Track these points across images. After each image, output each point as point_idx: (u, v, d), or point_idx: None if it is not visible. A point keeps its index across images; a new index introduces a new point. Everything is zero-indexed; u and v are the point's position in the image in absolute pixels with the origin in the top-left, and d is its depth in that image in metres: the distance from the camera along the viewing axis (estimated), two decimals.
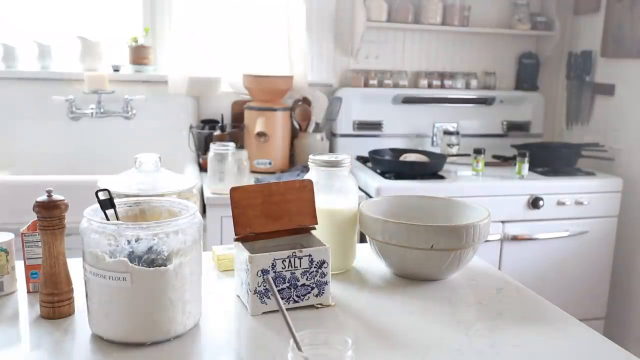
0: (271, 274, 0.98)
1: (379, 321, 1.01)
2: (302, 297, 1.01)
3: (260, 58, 2.79)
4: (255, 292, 0.97)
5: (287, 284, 1.00)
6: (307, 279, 1.01)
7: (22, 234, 1.05)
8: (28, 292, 1.07)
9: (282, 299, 0.99)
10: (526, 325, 1.01)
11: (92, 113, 2.55)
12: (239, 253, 1.03)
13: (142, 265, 0.87)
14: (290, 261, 0.99)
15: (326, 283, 1.03)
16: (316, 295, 1.02)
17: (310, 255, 1.00)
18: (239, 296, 1.06)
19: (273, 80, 2.60)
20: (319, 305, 1.03)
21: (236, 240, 1.04)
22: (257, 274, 0.98)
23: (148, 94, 2.61)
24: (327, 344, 0.73)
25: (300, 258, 1.00)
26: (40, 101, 2.55)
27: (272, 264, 0.98)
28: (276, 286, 0.98)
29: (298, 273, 1.00)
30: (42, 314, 0.98)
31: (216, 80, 2.73)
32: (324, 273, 1.02)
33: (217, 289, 1.13)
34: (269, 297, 0.99)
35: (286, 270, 0.99)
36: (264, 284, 0.98)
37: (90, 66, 2.60)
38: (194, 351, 0.90)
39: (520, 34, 3.06)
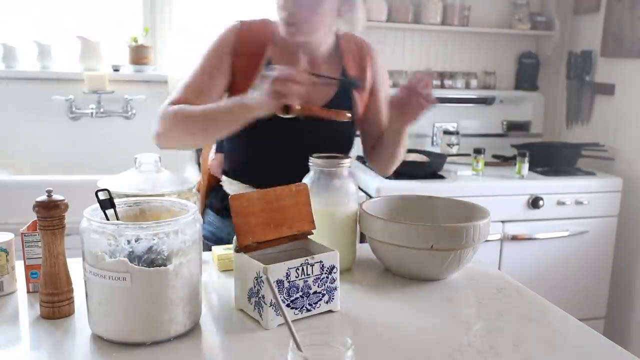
0: (286, 284, 0.96)
1: (378, 321, 1.01)
2: (314, 306, 1.00)
3: None
4: (270, 305, 0.95)
5: (300, 293, 0.98)
6: (318, 286, 1.00)
7: (22, 234, 1.05)
8: (28, 292, 1.07)
9: (295, 309, 0.98)
10: (526, 325, 1.01)
11: (92, 113, 2.56)
12: (245, 264, 0.99)
13: (142, 265, 0.87)
14: (302, 269, 0.98)
15: (335, 288, 1.02)
16: (327, 302, 1.02)
17: (321, 262, 1.00)
18: (242, 310, 1.02)
19: None
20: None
21: (238, 251, 1.00)
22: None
23: (148, 94, 2.61)
24: (327, 344, 0.72)
25: (312, 265, 0.99)
26: (40, 101, 2.55)
27: (287, 273, 0.96)
28: (290, 296, 0.97)
29: (310, 280, 0.99)
30: (42, 314, 0.98)
31: None
32: (333, 278, 1.02)
33: (217, 289, 1.13)
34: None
35: (299, 279, 0.98)
36: (279, 295, 0.95)
37: (90, 66, 2.60)
38: (194, 351, 0.90)
39: (520, 33, 3.06)
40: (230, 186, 1.47)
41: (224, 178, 1.48)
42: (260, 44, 1.41)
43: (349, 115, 1.35)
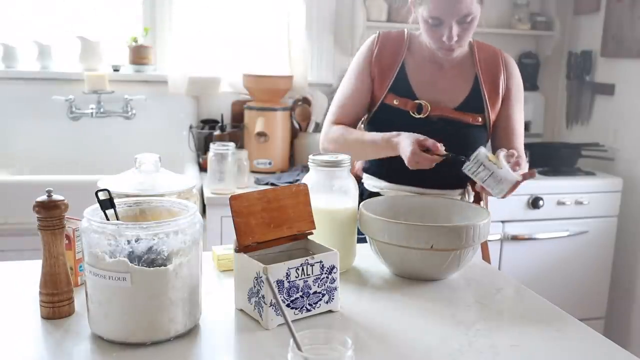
0: (286, 284, 0.96)
1: (379, 321, 1.01)
2: (314, 306, 1.00)
3: (260, 58, 2.78)
4: (270, 305, 0.95)
5: (300, 293, 0.98)
6: (318, 286, 1.00)
7: None
8: None
9: (295, 309, 0.98)
10: (526, 325, 1.01)
11: (92, 113, 2.55)
12: (246, 264, 0.99)
13: (142, 265, 0.87)
14: (303, 269, 0.98)
15: (335, 288, 1.02)
16: (327, 302, 1.02)
17: (321, 262, 1.00)
18: (242, 310, 1.02)
19: (273, 80, 2.60)
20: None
21: (238, 251, 1.01)
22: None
23: (148, 94, 2.61)
24: (327, 343, 0.73)
25: (312, 265, 0.99)
26: (40, 101, 2.55)
27: (287, 273, 0.96)
28: (290, 296, 0.97)
29: (310, 281, 0.99)
30: (42, 314, 0.98)
31: (216, 80, 2.73)
32: (333, 279, 1.02)
33: (217, 289, 1.13)
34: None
35: (299, 279, 0.98)
36: (279, 295, 0.95)
37: (90, 66, 2.60)
38: (194, 351, 0.90)
39: (520, 33, 3.06)
40: (369, 182, 1.57)
41: (364, 175, 1.59)
42: (395, 51, 1.53)
43: (480, 119, 1.45)
